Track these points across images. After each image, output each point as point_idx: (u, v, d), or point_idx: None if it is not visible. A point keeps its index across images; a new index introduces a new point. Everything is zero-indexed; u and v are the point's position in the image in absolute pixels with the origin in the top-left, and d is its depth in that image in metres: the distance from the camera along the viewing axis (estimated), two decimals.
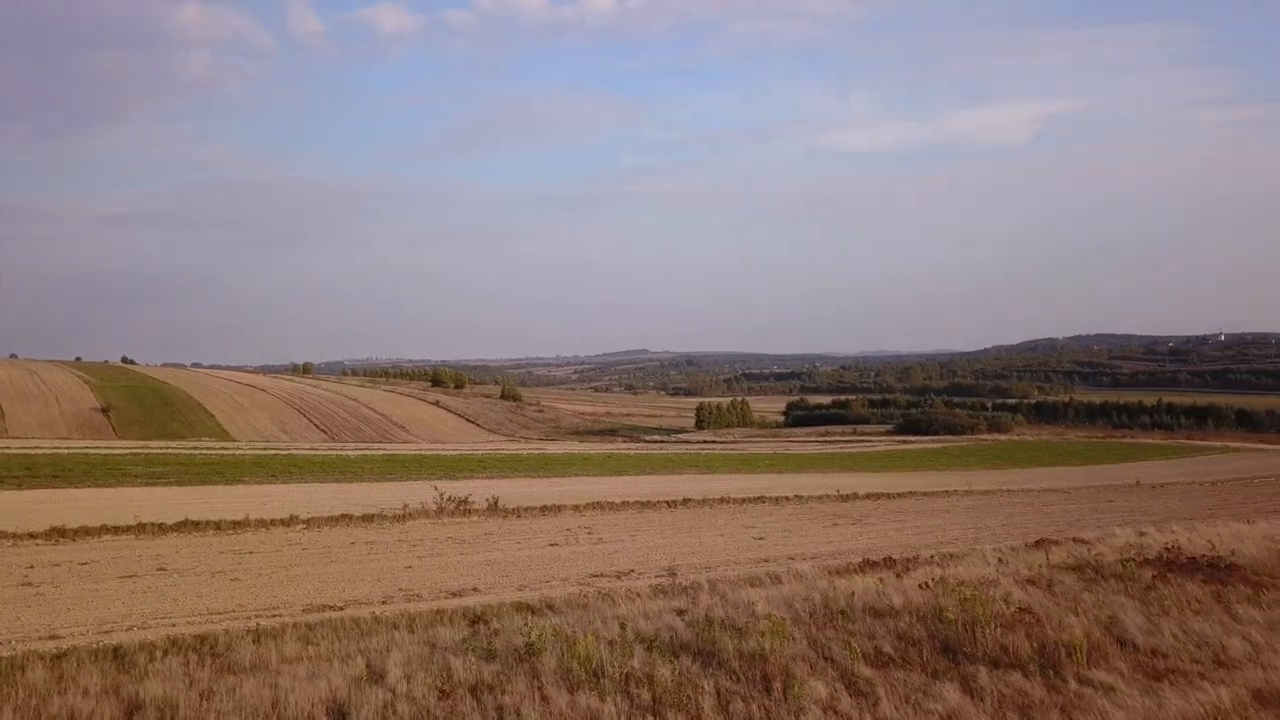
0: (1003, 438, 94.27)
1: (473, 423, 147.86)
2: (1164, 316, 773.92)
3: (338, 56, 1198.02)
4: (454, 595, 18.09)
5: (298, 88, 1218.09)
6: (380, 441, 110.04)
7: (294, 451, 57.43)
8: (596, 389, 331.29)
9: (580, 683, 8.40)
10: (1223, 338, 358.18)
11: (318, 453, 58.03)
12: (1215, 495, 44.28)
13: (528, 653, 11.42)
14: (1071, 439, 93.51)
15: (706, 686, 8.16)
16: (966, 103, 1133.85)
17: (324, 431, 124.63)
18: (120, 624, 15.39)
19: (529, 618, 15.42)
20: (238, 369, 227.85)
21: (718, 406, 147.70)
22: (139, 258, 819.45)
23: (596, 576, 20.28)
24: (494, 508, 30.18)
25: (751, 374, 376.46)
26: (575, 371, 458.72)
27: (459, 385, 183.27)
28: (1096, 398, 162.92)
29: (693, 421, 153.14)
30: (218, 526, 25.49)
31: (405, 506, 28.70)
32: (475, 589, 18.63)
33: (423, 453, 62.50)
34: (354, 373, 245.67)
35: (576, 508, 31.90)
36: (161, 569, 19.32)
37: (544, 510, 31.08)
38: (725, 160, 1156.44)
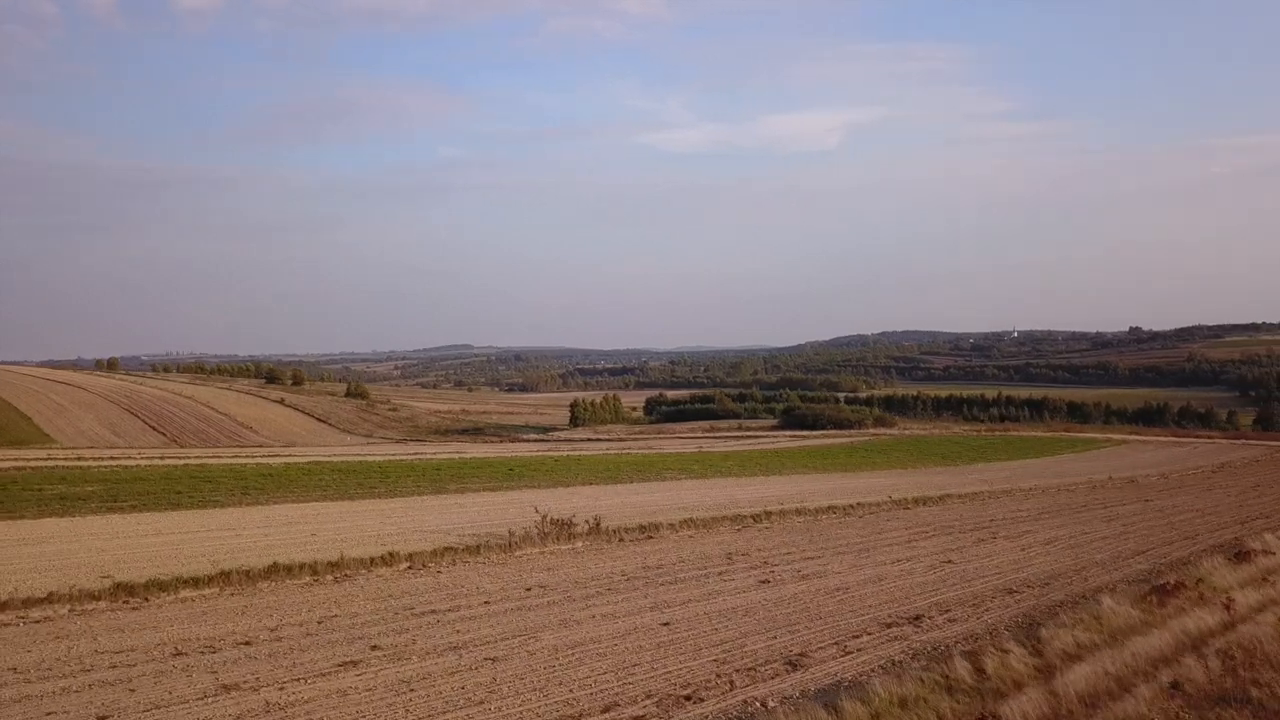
0: (895, 433, 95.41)
1: (324, 422, 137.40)
2: (962, 314, 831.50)
3: (131, 30, 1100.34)
4: (792, 666, 13.99)
5: (86, 62, 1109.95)
6: (228, 445, 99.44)
7: (210, 462, 49.50)
8: (424, 385, 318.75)
9: None
10: (1016, 334, 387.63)
11: (233, 462, 50.28)
12: (1199, 490, 45.03)
13: None
14: (959, 433, 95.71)
15: None
16: (777, 108, 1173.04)
17: (162, 433, 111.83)
18: None
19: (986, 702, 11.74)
20: (16, 364, 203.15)
21: (592, 403, 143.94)
22: None
23: (890, 626, 16.64)
24: (595, 530, 25.68)
25: (584, 369, 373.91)
26: (397, 367, 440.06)
27: (298, 382, 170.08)
28: (941, 391, 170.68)
29: (556, 418, 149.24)
30: (314, 571, 19.95)
31: (510, 533, 23.78)
32: (803, 655, 14.57)
33: (348, 459, 55.47)
34: (166, 369, 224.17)
35: (671, 526, 27.91)
36: (374, 647, 14.03)
37: (643, 531, 26.86)
38: (546, 155, 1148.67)
